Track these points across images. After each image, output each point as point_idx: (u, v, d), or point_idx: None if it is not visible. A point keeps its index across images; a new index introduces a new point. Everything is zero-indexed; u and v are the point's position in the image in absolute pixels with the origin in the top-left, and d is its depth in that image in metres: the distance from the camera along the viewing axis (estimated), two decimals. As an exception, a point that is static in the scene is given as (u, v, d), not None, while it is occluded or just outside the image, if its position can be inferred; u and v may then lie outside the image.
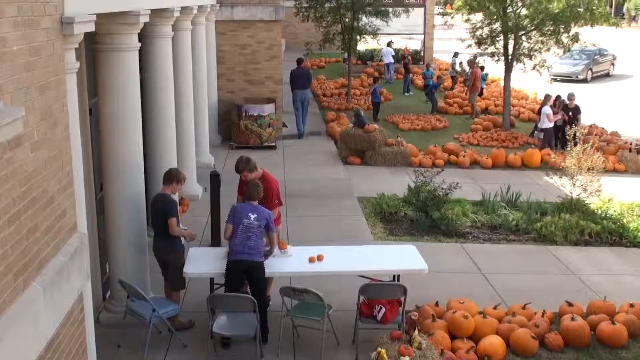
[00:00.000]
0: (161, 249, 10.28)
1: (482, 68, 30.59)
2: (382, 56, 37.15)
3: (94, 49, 9.98)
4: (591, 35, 26.81)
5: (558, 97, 25.71)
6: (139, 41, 10.41)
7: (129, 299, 9.91)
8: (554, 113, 22.90)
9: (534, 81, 28.80)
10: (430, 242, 14.53)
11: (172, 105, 13.43)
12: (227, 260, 9.79)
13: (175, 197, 10.68)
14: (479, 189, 18.00)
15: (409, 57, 35.68)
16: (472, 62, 29.57)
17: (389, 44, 36.55)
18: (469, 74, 30.66)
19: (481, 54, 25.79)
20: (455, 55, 35.38)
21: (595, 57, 41.62)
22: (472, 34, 25.59)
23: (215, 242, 13.14)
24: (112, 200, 10.29)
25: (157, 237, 10.28)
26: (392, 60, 36.61)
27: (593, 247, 14.59)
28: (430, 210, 15.45)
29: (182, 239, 10.38)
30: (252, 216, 9.69)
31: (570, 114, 22.93)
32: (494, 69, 32.84)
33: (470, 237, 14.87)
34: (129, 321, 9.93)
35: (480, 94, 30.71)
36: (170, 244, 10.22)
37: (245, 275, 9.75)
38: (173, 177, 10.28)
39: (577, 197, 16.11)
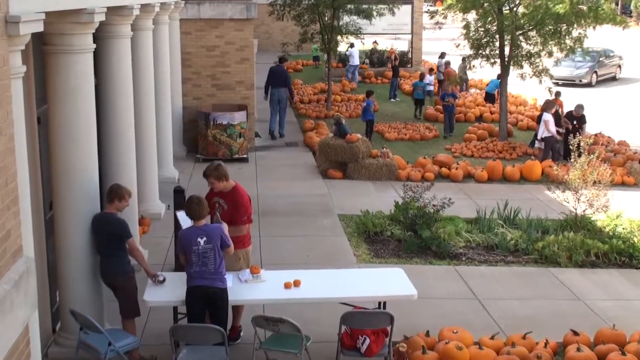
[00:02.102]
0: (108, 273, 10.20)
1: (499, 76, 30.83)
2: (349, 58, 37.14)
3: (43, 51, 9.90)
4: (595, 36, 27.01)
5: (558, 93, 25.82)
6: (94, 42, 10.34)
7: (82, 331, 9.79)
8: (557, 116, 22.98)
9: (533, 85, 28.93)
10: (420, 264, 14.51)
11: (131, 113, 13.35)
12: (187, 286, 9.73)
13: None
14: (474, 205, 18.03)
15: (396, 58, 35.71)
16: (448, 63, 30.38)
17: (353, 45, 36.40)
18: (465, 78, 30.96)
19: (474, 57, 25.85)
20: (442, 56, 35.48)
21: (601, 59, 41.92)
22: (465, 35, 25.66)
23: (179, 266, 13.01)
24: (62, 220, 10.18)
25: (103, 260, 10.22)
26: (358, 63, 36.85)
27: (600, 269, 14.63)
28: (420, 229, 15.44)
29: (132, 259, 10.34)
30: (201, 240, 9.60)
31: (575, 122, 23.03)
32: (488, 73, 33.01)
33: (464, 258, 14.87)
34: (81, 356, 9.80)
35: (493, 101, 30.79)
36: (118, 265, 10.16)
37: (205, 303, 9.69)
38: (115, 194, 10.24)
39: (582, 213, 16.17)
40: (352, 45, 36.50)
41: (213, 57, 22.52)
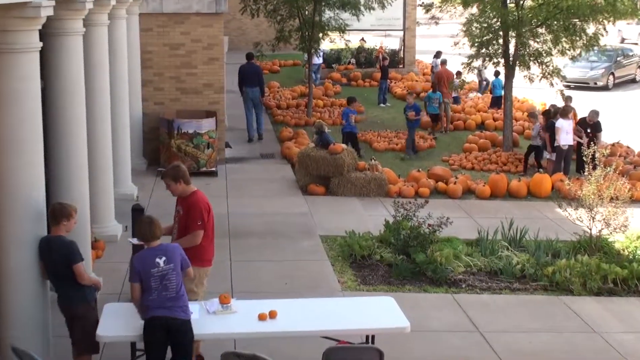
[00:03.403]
0: (66, 302, 10.17)
1: (497, 73, 30.87)
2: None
3: (-19, 50, 9.88)
4: (611, 32, 27.14)
5: (569, 97, 25.77)
6: (41, 40, 10.32)
7: (26, 371, 9.73)
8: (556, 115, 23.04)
9: (542, 88, 29.04)
10: (414, 292, 14.50)
11: (83, 120, 13.31)
12: (144, 318, 9.69)
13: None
14: (475, 225, 18.05)
15: (386, 58, 35.72)
16: (444, 61, 30.24)
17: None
18: (485, 81, 30.82)
19: (475, 56, 25.91)
20: (437, 55, 35.53)
21: (618, 59, 42.06)
22: (466, 32, 25.70)
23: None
24: (3, 243, 10.13)
25: (60, 289, 10.19)
26: (320, 61, 36.81)
27: (619, 298, 14.66)
28: (413, 252, 15.43)
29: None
30: (161, 261, 9.61)
31: (589, 131, 23.10)
32: (488, 74, 33.17)
33: (463, 285, 14.87)
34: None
35: (499, 106, 30.82)
36: (78, 294, 10.13)
37: (166, 337, 9.64)
38: (61, 213, 10.22)
39: (598, 234, 16.20)
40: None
41: (177, 57, 22.48)
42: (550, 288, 14.86)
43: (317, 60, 36.24)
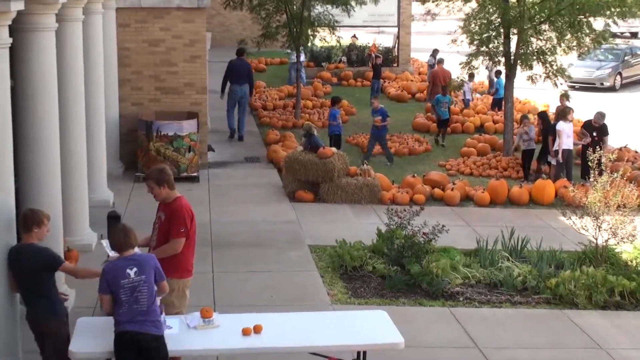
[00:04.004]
0: (38, 317, 10.15)
1: (498, 73, 30.90)
2: (290, 54, 37.04)
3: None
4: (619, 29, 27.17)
5: (566, 95, 25.71)
6: (10, 36, 10.29)
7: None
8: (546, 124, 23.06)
9: (545, 89, 29.08)
10: (408, 305, 14.51)
11: (56, 122, 13.28)
12: (114, 332, 9.67)
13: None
14: (473, 234, 18.06)
15: (378, 56, 35.78)
16: (441, 60, 30.22)
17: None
18: (495, 81, 30.77)
19: (474, 55, 25.93)
20: (434, 53, 35.54)
21: (626, 58, 42.17)
22: (464, 28, 25.73)
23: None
24: (-30, 252, 10.11)
25: (30, 301, 10.16)
26: (302, 58, 36.76)
27: (627, 312, 14.68)
28: (408, 262, 15.43)
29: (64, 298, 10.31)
30: (132, 272, 9.60)
31: (594, 134, 23.13)
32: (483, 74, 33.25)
33: (461, 298, 14.88)
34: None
35: (501, 107, 30.85)
36: (50, 307, 10.13)
37: (137, 354, 9.62)
38: (32, 220, 10.23)
39: (604, 244, 16.21)
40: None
41: (157, 54, 22.46)
42: (554, 301, 14.87)
43: (294, 57, 36.19)
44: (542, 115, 24.86)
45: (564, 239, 17.88)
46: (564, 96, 25.42)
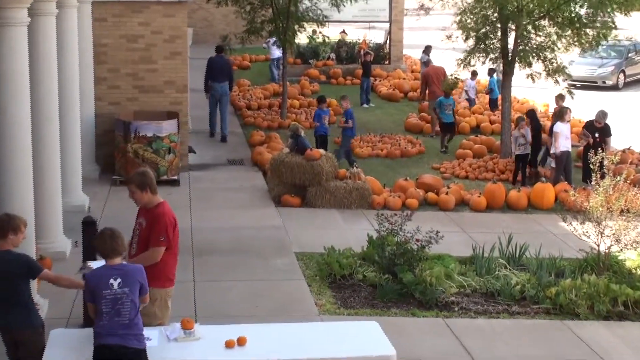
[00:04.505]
0: (12, 325, 10.15)
1: (491, 71, 30.96)
2: (268, 50, 36.94)
3: None
4: (622, 25, 27.22)
5: (561, 96, 25.71)
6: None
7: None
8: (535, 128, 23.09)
9: (545, 88, 29.13)
10: (400, 316, 14.52)
11: (27, 122, 13.25)
12: (94, 345, 9.64)
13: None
14: (469, 241, 18.08)
15: (368, 53, 35.75)
16: (427, 62, 30.17)
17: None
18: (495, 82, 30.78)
19: (471, 52, 25.94)
20: (427, 50, 35.47)
21: (630, 55, 42.24)
22: (459, 23, 25.73)
23: (88, 320, 12.88)
24: (-63, 260, 10.06)
25: (5, 310, 10.14)
26: (279, 55, 36.75)
27: (630, 322, 14.70)
28: (400, 271, 15.44)
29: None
30: (116, 282, 9.54)
31: (596, 135, 23.15)
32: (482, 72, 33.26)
33: (456, 308, 14.88)
34: None
35: (496, 107, 30.89)
36: (26, 316, 10.13)
37: None
38: (8, 226, 10.22)
39: (607, 251, 16.23)
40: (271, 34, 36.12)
41: (135, 51, 22.43)
42: (554, 311, 14.89)
43: (276, 52, 36.16)
44: (531, 115, 24.81)
45: (565, 245, 17.90)
46: (560, 97, 25.46)
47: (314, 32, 30.33)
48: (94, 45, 21.85)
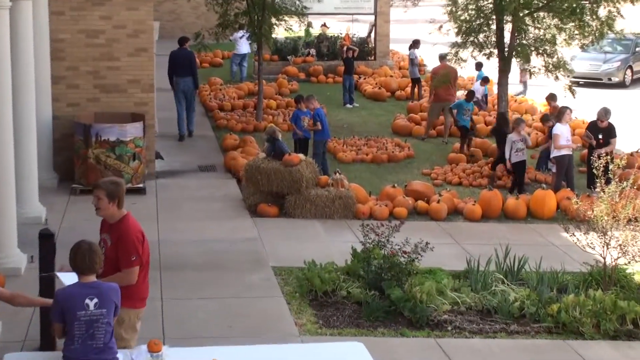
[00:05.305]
0: None
1: (479, 66, 31.08)
2: (236, 45, 36.89)
3: None
4: (629, 17, 27.32)
5: (552, 96, 25.71)
6: None
7: None
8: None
9: (545, 85, 29.20)
10: (388, 336, 14.53)
11: (-22, 125, 13.23)
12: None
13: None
14: (463, 253, 18.12)
15: (351, 48, 35.78)
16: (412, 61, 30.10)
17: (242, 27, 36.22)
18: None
19: (461, 46, 26.00)
20: (415, 45, 35.44)
21: (637, 50, 42.37)
22: (450, 15, 25.78)
23: (46, 343, 12.87)
24: None
25: None
26: (248, 50, 36.71)
27: (639, 342, 14.73)
28: (388, 286, 15.44)
29: None
30: (92, 303, 9.48)
31: (600, 136, 23.21)
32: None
33: (449, 327, 14.89)
34: None
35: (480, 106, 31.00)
36: None
37: None
38: None
39: (613, 263, 16.26)
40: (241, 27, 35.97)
41: (96, 47, 22.39)
42: (556, 330, 14.93)
43: (242, 49, 36.14)
44: (500, 117, 24.90)
45: (567, 258, 17.96)
46: (550, 97, 25.53)
47: (300, 17, 30.37)
48: (50, 40, 21.81)
